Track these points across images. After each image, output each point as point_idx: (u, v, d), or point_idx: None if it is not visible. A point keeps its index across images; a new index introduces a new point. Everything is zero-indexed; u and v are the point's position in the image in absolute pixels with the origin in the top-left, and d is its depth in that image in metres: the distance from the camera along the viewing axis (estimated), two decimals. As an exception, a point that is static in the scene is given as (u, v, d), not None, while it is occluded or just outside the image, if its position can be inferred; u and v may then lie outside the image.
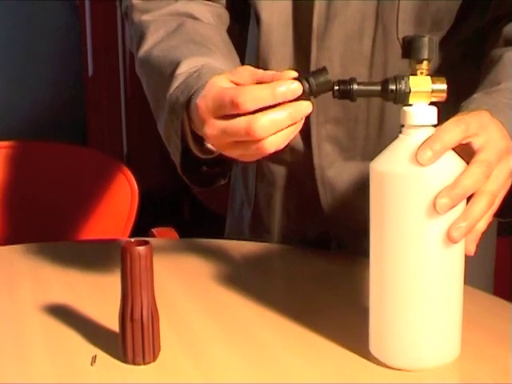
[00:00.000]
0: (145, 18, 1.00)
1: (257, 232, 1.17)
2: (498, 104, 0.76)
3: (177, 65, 0.88)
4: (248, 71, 0.75)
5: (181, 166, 0.90)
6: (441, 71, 0.82)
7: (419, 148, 0.66)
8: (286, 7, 0.99)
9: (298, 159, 1.06)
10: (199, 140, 0.85)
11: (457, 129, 0.67)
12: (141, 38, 0.99)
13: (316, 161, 1.03)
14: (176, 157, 0.89)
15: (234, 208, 1.26)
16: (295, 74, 0.72)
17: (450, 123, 0.68)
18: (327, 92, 0.73)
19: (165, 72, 0.90)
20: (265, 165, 1.12)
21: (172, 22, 0.98)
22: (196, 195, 2.76)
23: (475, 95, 0.79)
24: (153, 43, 0.97)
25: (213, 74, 0.80)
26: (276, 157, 1.09)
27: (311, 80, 0.72)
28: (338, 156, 1.03)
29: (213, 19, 1.02)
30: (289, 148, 1.06)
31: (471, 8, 0.97)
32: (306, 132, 1.02)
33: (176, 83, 0.86)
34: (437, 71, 0.73)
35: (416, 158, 0.65)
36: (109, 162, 1.55)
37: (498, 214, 0.78)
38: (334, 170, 1.04)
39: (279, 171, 1.10)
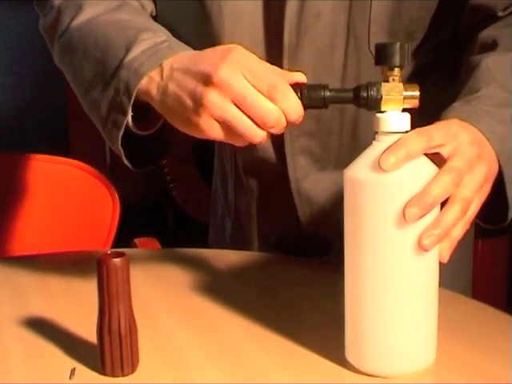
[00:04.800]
0: None
1: (238, 241, 1.18)
2: (478, 111, 0.76)
3: (139, 32, 0.82)
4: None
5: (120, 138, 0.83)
6: (411, 78, 0.82)
7: (382, 154, 0.66)
8: (254, 25, 0.99)
9: (273, 172, 1.07)
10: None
11: (420, 138, 0.67)
12: (77, 9, 0.91)
13: (291, 174, 1.04)
14: (119, 129, 0.82)
15: (216, 218, 1.26)
16: (304, 78, 0.73)
17: (413, 132, 0.68)
18: (318, 108, 0.74)
19: (119, 38, 0.83)
20: (242, 176, 1.12)
21: (111, 2, 0.92)
22: (179, 204, 2.76)
23: (455, 104, 0.79)
24: (93, 15, 0.90)
25: (184, 49, 0.79)
26: (250, 170, 1.10)
27: (304, 92, 0.72)
28: (312, 167, 1.04)
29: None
30: (261, 160, 1.06)
31: (444, 16, 0.97)
32: (279, 146, 1.03)
33: (139, 48, 0.80)
34: (408, 78, 0.74)
35: (379, 164, 0.65)
36: (90, 172, 1.55)
37: (486, 221, 0.79)
38: (309, 181, 1.04)
39: (255, 184, 1.11)
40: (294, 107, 0.72)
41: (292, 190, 1.05)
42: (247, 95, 0.72)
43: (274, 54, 0.98)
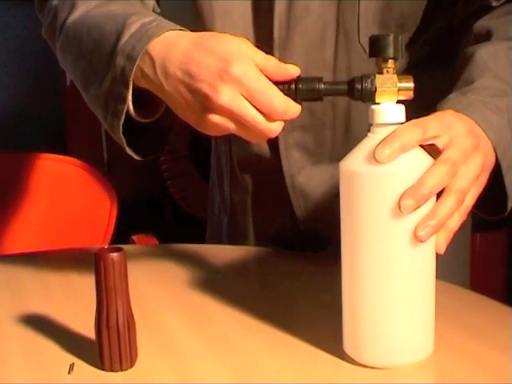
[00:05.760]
0: None
1: (234, 237, 1.19)
2: (473, 103, 0.76)
3: (127, 17, 0.83)
4: (275, 65, 0.75)
5: (121, 126, 0.84)
6: (407, 70, 0.82)
7: (377, 146, 0.66)
8: (245, 21, 0.99)
9: (267, 167, 1.07)
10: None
11: (415, 129, 0.67)
12: (71, 7, 0.92)
13: (285, 169, 1.04)
14: (119, 118, 0.83)
15: (213, 214, 1.27)
16: (298, 71, 0.74)
17: (409, 124, 0.68)
18: (312, 101, 0.75)
19: (110, 26, 0.84)
20: (237, 172, 1.12)
21: None
22: (177, 201, 2.75)
23: (450, 95, 0.79)
24: (87, 9, 0.90)
25: (173, 26, 0.80)
26: (245, 165, 1.10)
27: (298, 86, 0.73)
28: (306, 161, 1.04)
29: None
30: (256, 155, 1.07)
31: (436, 8, 0.97)
32: (273, 140, 1.02)
33: (128, 32, 0.81)
34: (403, 71, 0.74)
35: (374, 156, 0.65)
36: (87, 170, 1.55)
37: (486, 213, 0.79)
38: (304, 175, 1.04)
39: (250, 179, 1.11)
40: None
41: (287, 185, 1.05)
42: (248, 120, 0.74)
43: (264, 48, 0.98)
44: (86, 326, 0.80)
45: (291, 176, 1.04)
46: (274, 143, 1.03)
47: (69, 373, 0.73)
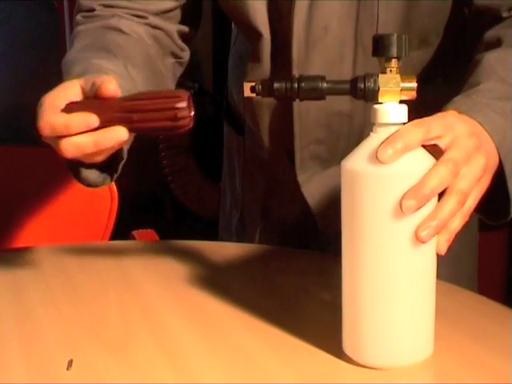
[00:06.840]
0: (80, 28, 1.01)
1: (242, 234, 1.22)
2: (477, 104, 0.75)
3: (72, 65, 0.90)
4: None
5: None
6: (421, 77, 0.81)
7: (380, 146, 0.66)
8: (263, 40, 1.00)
9: (281, 174, 1.10)
10: None
11: (418, 129, 0.67)
12: (70, 46, 1.00)
13: (299, 178, 1.06)
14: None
15: (225, 209, 1.30)
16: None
17: (411, 124, 0.68)
18: (315, 100, 0.74)
19: (64, 72, 0.92)
20: (251, 171, 1.16)
21: (98, 33, 0.99)
22: (178, 197, 2.76)
23: (456, 98, 0.78)
24: (74, 50, 0.97)
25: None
26: (258, 166, 1.14)
27: (301, 84, 0.72)
28: (318, 168, 1.06)
29: (146, 38, 1.02)
30: (271, 164, 1.11)
31: (454, 20, 0.97)
32: (289, 153, 1.05)
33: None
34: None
35: (376, 156, 0.65)
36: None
37: (489, 218, 0.78)
38: (316, 180, 1.06)
39: (263, 178, 1.14)
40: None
41: (301, 190, 1.07)
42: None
43: (283, 66, 0.99)
44: (85, 321, 0.80)
45: (304, 182, 1.06)
46: (290, 155, 1.05)
47: (67, 369, 0.73)
